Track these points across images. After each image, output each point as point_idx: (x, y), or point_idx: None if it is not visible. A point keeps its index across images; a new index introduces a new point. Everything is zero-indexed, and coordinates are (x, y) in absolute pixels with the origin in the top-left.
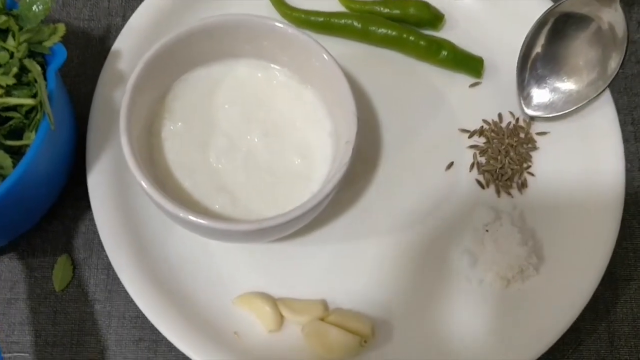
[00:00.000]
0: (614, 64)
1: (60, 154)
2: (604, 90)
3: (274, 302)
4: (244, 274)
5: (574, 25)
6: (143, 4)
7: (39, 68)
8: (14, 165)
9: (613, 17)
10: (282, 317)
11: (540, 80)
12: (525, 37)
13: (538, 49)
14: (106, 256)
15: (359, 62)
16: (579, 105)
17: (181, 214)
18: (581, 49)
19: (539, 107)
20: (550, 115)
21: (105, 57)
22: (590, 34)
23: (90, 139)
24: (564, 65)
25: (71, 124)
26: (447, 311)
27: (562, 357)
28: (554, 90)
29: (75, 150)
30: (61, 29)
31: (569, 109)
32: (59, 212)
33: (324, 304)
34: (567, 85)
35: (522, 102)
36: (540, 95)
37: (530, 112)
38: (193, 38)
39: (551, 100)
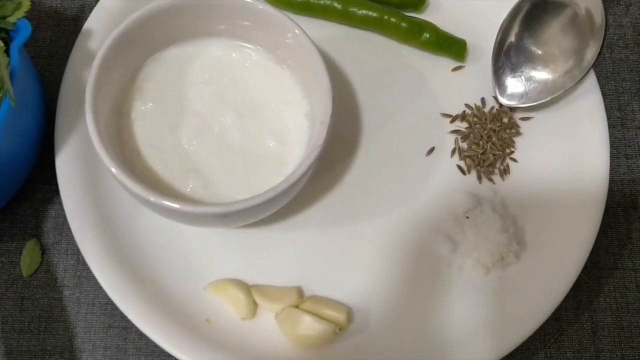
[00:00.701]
0: (590, 53)
1: (26, 134)
2: (580, 80)
3: (247, 289)
4: (216, 260)
5: (551, 12)
6: None
7: (1, 43)
8: None
9: (591, 4)
10: (255, 304)
11: (514, 69)
12: (501, 24)
13: (512, 37)
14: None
15: (340, 44)
16: (555, 96)
17: (151, 197)
18: (557, 37)
19: (513, 96)
20: (524, 105)
21: (77, 38)
22: (566, 22)
23: (59, 120)
24: (538, 53)
25: (38, 103)
26: (425, 298)
27: (544, 346)
28: (528, 79)
29: (44, 132)
30: (25, 4)
31: (543, 99)
32: (28, 196)
33: (299, 291)
34: (541, 74)
35: (497, 91)
36: (514, 84)
37: (504, 101)
38: (164, 15)
39: (526, 90)
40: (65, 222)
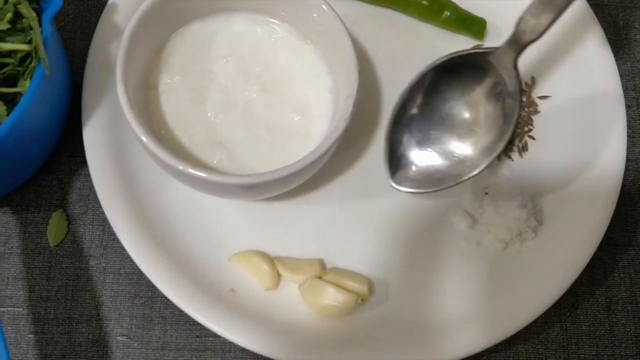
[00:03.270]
0: (506, 127)
1: (54, 105)
2: (499, 155)
3: (271, 260)
4: (240, 231)
5: (460, 80)
6: None
7: (34, 14)
8: (8, 113)
9: (507, 75)
10: (279, 275)
11: (416, 146)
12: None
13: (414, 108)
14: (102, 212)
15: (360, 22)
16: (464, 179)
17: (180, 166)
18: (469, 107)
19: (409, 179)
20: (423, 191)
21: (100, 12)
22: (481, 90)
23: (85, 93)
24: (445, 127)
25: (66, 75)
26: (444, 272)
27: (559, 320)
28: (429, 158)
29: (69, 105)
30: None
31: (448, 185)
32: (53, 167)
33: (321, 263)
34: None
35: (388, 171)
36: (414, 164)
37: (396, 185)
38: None
39: (426, 171)
40: (91, 193)
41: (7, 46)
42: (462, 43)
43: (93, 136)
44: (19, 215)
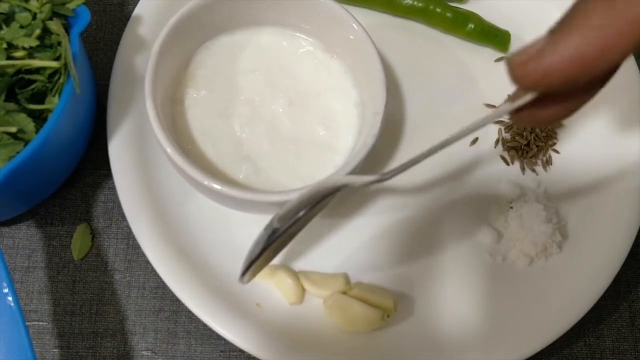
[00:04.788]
0: None
1: (81, 120)
2: None
3: (295, 275)
4: None
5: None
6: None
7: (63, 30)
8: (37, 130)
9: None
10: (303, 290)
11: None
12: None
13: None
14: (126, 226)
15: (384, 33)
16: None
17: (206, 182)
18: None
19: None
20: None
21: (123, 23)
22: None
23: (111, 106)
24: None
25: (92, 90)
26: (469, 287)
27: (583, 335)
28: None
29: (94, 119)
30: None
31: None
32: (77, 180)
33: (346, 278)
34: None
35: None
36: None
37: None
38: (217, 4)
39: None
40: (115, 206)
41: (36, 63)
42: (486, 55)
43: (118, 149)
44: (43, 229)
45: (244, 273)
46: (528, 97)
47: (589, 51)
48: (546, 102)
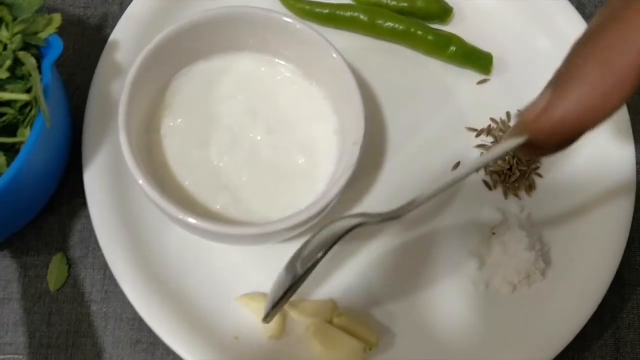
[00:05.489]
0: None
1: (56, 149)
2: None
3: None
4: (245, 274)
5: None
6: None
7: (34, 61)
8: (8, 163)
9: None
10: (284, 324)
11: None
12: None
13: None
14: (102, 255)
15: (365, 56)
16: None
17: (181, 216)
18: None
19: None
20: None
21: (101, 47)
22: None
23: (86, 134)
24: None
25: (67, 118)
26: (452, 315)
27: None
28: None
29: (70, 145)
30: (57, 19)
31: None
32: (53, 209)
33: (333, 304)
34: None
35: None
36: None
37: None
38: (195, 30)
39: None
40: (92, 235)
41: (6, 96)
42: (468, 77)
43: (94, 178)
44: (19, 259)
45: (267, 315)
46: (521, 140)
47: (593, 102)
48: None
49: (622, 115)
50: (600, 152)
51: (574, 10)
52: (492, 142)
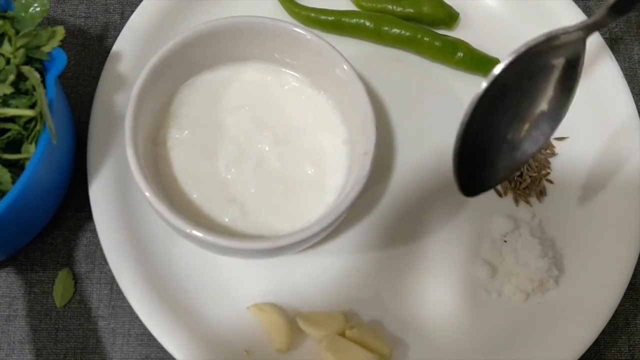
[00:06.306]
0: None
1: (60, 164)
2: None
3: (289, 320)
4: (254, 287)
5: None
6: (143, 2)
7: (38, 75)
8: (13, 180)
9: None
10: (294, 337)
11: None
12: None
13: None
14: (109, 270)
15: (371, 63)
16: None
17: (188, 230)
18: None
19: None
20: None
21: (103, 57)
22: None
23: (91, 147)
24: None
25: (71, 132)
26: (466, 325)
27: None
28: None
29: (75, 158)
30: (60, 31)
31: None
32: (58, 224)
33: (345, 316)
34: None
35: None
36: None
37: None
38: (200, 41)
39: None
40: (97, 250)
41: (10, 111)
42: (476, 83)
43: (99, 192)
44: (24, 275)
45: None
46: None
47: None
48: None
49: (634, 120)
50: (611, 157)
51: (583, 16)
52: None
